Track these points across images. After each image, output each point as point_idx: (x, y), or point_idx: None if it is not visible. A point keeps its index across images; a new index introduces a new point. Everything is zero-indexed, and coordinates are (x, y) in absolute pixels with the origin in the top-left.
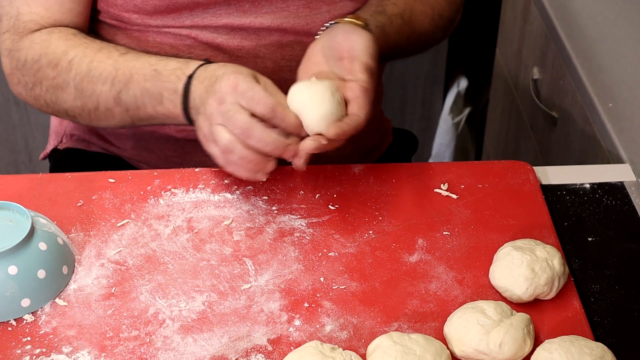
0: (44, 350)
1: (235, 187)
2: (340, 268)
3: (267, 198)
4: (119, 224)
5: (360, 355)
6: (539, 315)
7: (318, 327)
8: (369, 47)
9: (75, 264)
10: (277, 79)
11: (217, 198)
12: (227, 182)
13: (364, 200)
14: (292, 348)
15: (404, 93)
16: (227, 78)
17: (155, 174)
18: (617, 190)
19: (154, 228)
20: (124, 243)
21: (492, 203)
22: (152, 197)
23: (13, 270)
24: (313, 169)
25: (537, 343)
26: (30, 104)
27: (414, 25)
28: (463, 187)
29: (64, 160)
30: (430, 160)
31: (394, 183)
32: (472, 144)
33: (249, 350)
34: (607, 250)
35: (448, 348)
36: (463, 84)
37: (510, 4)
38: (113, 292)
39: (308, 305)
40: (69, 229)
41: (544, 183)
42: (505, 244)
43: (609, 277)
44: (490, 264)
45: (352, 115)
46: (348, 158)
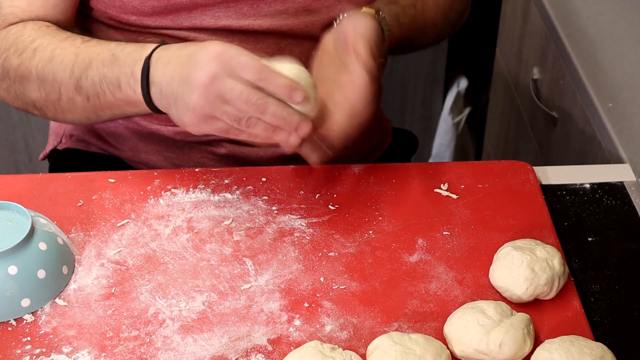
0: (44, 350)
1: (235, 187)
2: (340, 268)
3: (267, 198)
4: (119, 224)
5: (360, 355)
6: (539, 315)
7: (318, 327)
8: (370, 27)
9: (75, 264)
10: None
11: (217, 198)
12: (227, 182)
13: (364, 200)
14: (292, 348)
15: (404, 93)
16: (207, 51)
17: (155, 174)
18: (617, 190)
19: (154, 228)
20: (124, 243)
21: (492, 203)
22: (152, 197)
23: (13, 270)
24: (313, 169)
25: (537, 343)
26: (8, 101)
27: (427, 16)
28: (463, 187)
29: (63, 161)
30: (430, 160)
31: (394, 183)
32: (472, 144)
33: (249, 350)
34: (607, 250)
35: (448, 348)
36: (463, 84)
37: (510, 4)
38: (113, 292)
39: (308, 305)
40: (69, 229)
41: (544, 183)
42: (505, 244)
43: (609, 277)
44: (490, 264)
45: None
46: (348, 158)
